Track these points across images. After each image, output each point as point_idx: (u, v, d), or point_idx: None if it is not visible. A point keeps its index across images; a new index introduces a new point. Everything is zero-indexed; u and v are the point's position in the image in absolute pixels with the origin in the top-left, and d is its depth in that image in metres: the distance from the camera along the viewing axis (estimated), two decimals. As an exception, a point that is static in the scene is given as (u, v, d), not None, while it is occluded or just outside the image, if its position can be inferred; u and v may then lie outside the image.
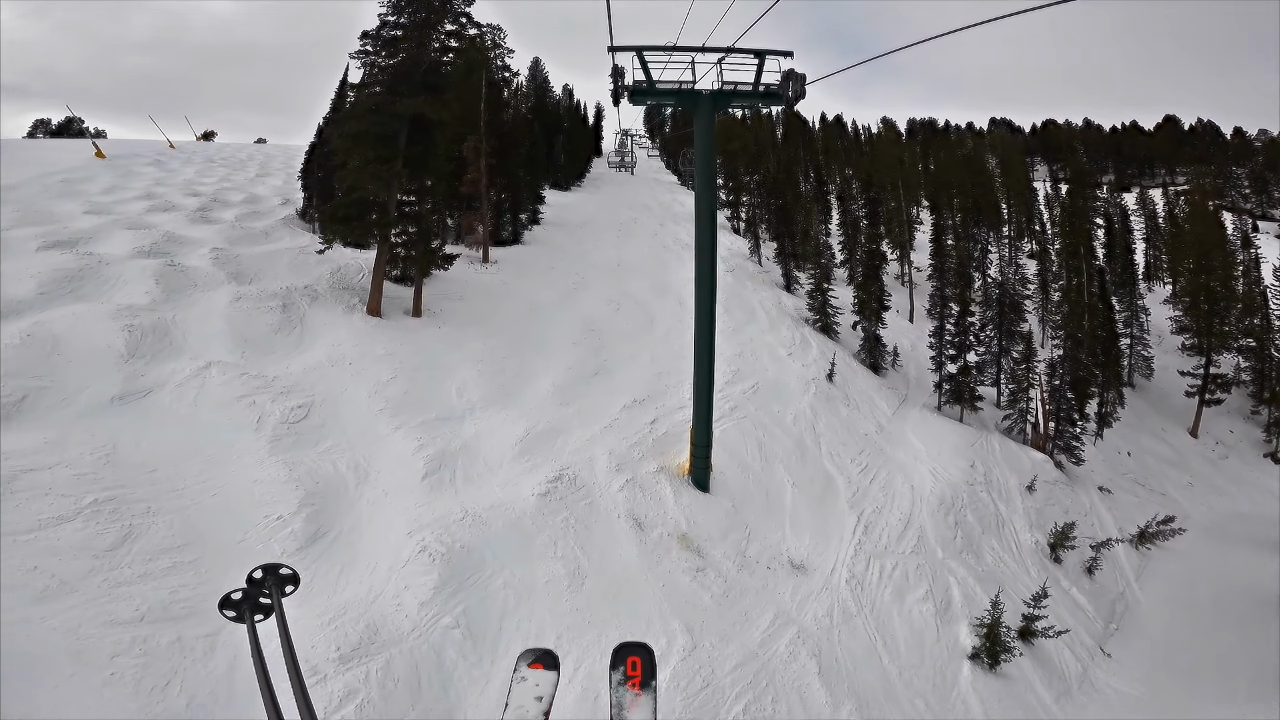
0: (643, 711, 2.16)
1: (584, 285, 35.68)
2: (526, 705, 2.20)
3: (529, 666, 2.38)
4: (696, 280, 19.18)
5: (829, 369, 33.05)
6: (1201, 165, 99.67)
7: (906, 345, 42.46)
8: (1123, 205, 70.90)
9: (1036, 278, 55.52)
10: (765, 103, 17.33)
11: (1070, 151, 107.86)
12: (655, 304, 35.24)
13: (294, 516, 16.88)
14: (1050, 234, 64.31)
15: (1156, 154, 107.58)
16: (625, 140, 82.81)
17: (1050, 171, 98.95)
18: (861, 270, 38.41)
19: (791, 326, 38.00)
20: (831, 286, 39.50)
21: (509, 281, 34.08)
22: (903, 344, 42.09)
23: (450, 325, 27.80)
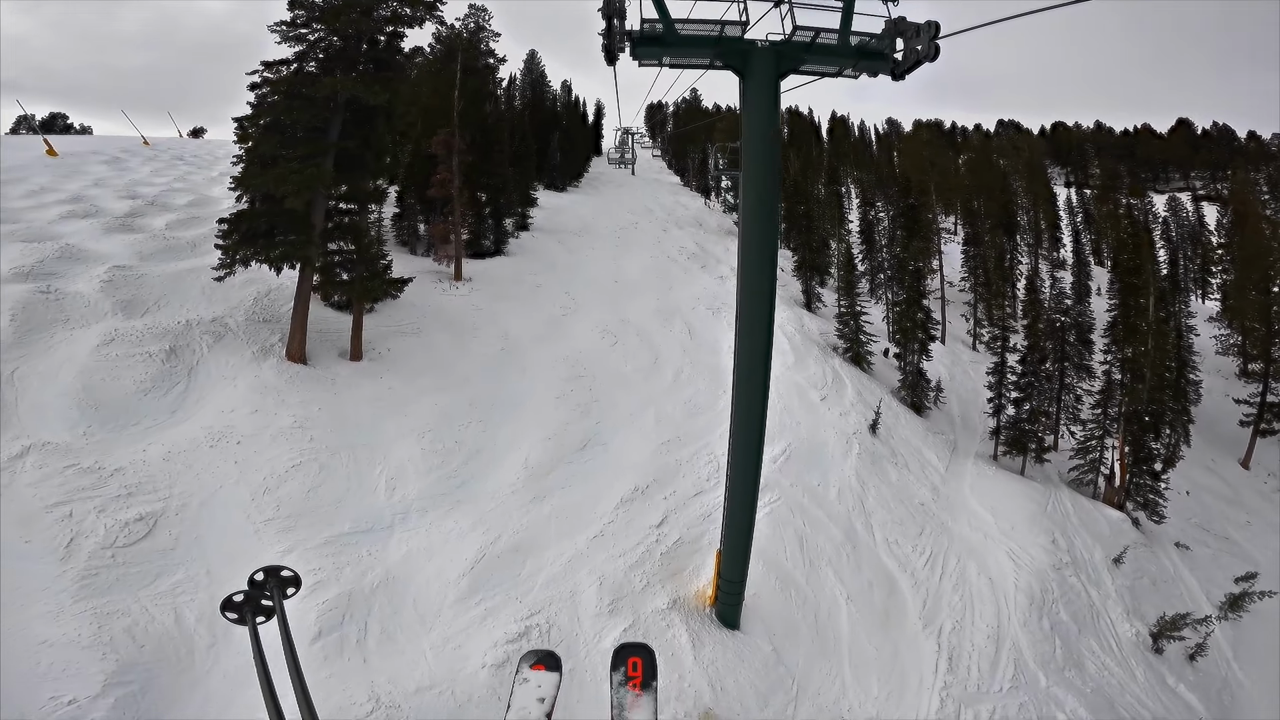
0: (643, 712, 2.05)
1: (574, 309, 28.11)
2: (529, 706, 2.11)
3: (531, 668, 2.25)
4: (741, 352, 11.65)
5: (873, 417, 25.62)
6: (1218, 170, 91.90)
7: (943, 373, 35.03)
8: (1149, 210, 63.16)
9: (1071, 290, 47.98)
10: (859, 68, 9.76)
11: (1082, 154, 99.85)
12: (660, 334, 27.67)
13: (94, 702, 9.71)
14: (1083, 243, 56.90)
15: (1171, 158, 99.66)
16: (626, 138, 75.35)
17: (1064, 176, 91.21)
18: (901, 292, 30.94)
19: (819, 358, 30.50)
20: (865, 309, 31.97)
21: (482, 307, 26.51)
22: (938, 372, 34.68)
23: (396, 375, 20.27)
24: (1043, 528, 23.62)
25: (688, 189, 69.00)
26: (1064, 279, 49.34)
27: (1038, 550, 22.16)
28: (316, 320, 21.61)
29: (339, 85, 17.72)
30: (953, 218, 55.45)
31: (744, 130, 9.36)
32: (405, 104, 20.75)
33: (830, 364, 30.37)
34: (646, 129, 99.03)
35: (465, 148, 28.53)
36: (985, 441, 30.27)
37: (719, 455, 20.89)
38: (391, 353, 21.47)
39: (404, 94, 20.81)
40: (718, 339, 28.84)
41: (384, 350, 21.49)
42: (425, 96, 31.94)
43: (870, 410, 27.14)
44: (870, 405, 27.83)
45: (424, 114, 31.51)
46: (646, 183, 69.78)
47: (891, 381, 32.79)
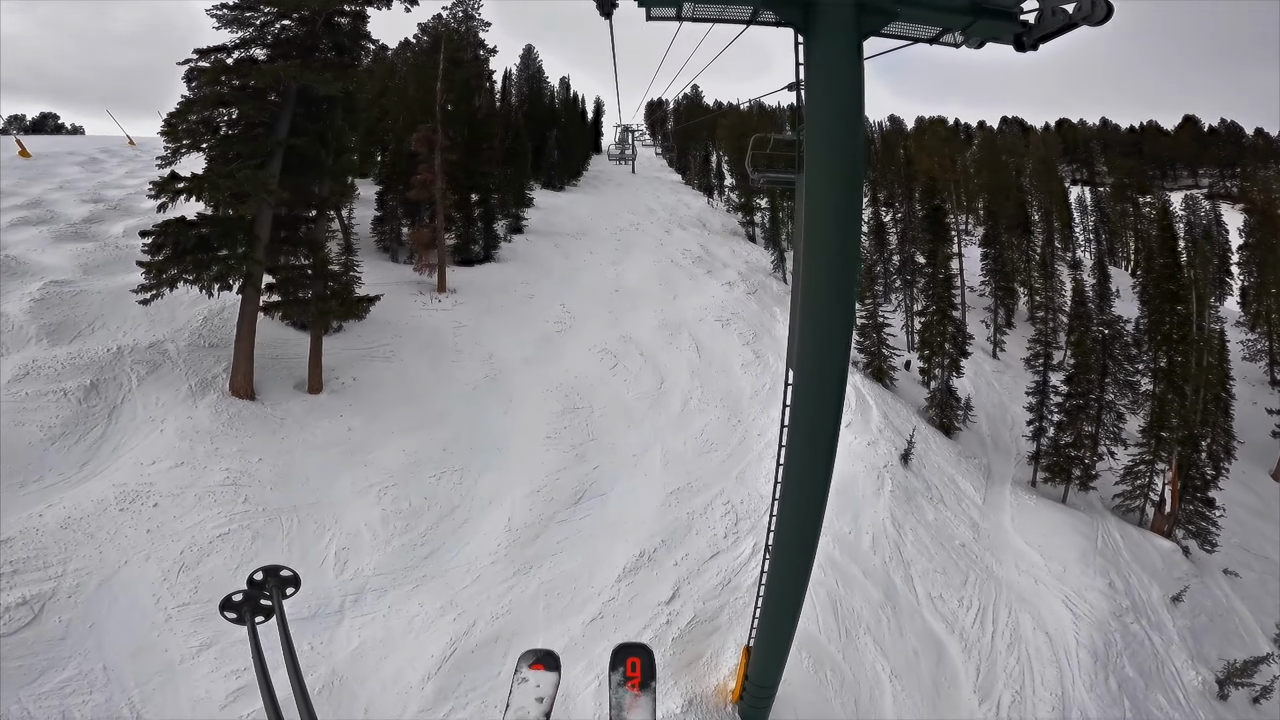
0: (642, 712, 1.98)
1: (570, 324, 24.85)
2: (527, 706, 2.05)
3: (530, 667, 2.19)
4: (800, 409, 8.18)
5: (904, 446, 22.49)
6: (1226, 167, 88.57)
7: (968, 387, 31.83)
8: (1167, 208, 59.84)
9: (1094, 295, 44.71)
10: (969, 33, 6.40)
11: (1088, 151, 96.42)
12: (665, 352, 24.44)
13: None
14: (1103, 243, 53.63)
15: (1180, 155, 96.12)
16: (626, 135, 72.04)
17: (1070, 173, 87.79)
18: (927, 302, 27.69)
19: None
20: (887, 319, 28.76)
21: (467, 323, 23.28)
22: (964, 386, 31.49)
23: (359, 411, 17.07)
24: (1096, 567, 20.70)
25: (689, 187, 65.55)
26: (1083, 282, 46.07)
27: (1095, 595, 19.30)
28: (272, 343, 18.40)
29: (283, 73, 14.45)
30: (966, 218, 52.11)
31: (808, 112, 6.10)
32: (371, 95, 17.52)
33: (851, 381, 27.14)
34: (646, 126, 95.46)
35: (449, 145, 25.24)
36: (1021, 465, 27.16)
37: (737, 504, 17.75)
38: (357, 383, 18.27)
39: (370, 84, 17.55)
40: (728, 356, 25.63)
41: (348, 380, 18.29)
42: (412, 91, 28.66)
43: (899, 436, 24.00)
44: (898, 429, 24.67)
45: (407, 109, 28.23)
46: (647, 181, 66.32)
47: (916, 398, 29.60)
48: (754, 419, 22.07)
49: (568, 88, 72.65)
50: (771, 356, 26.90)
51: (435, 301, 24.18)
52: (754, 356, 26.29)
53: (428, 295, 24.84)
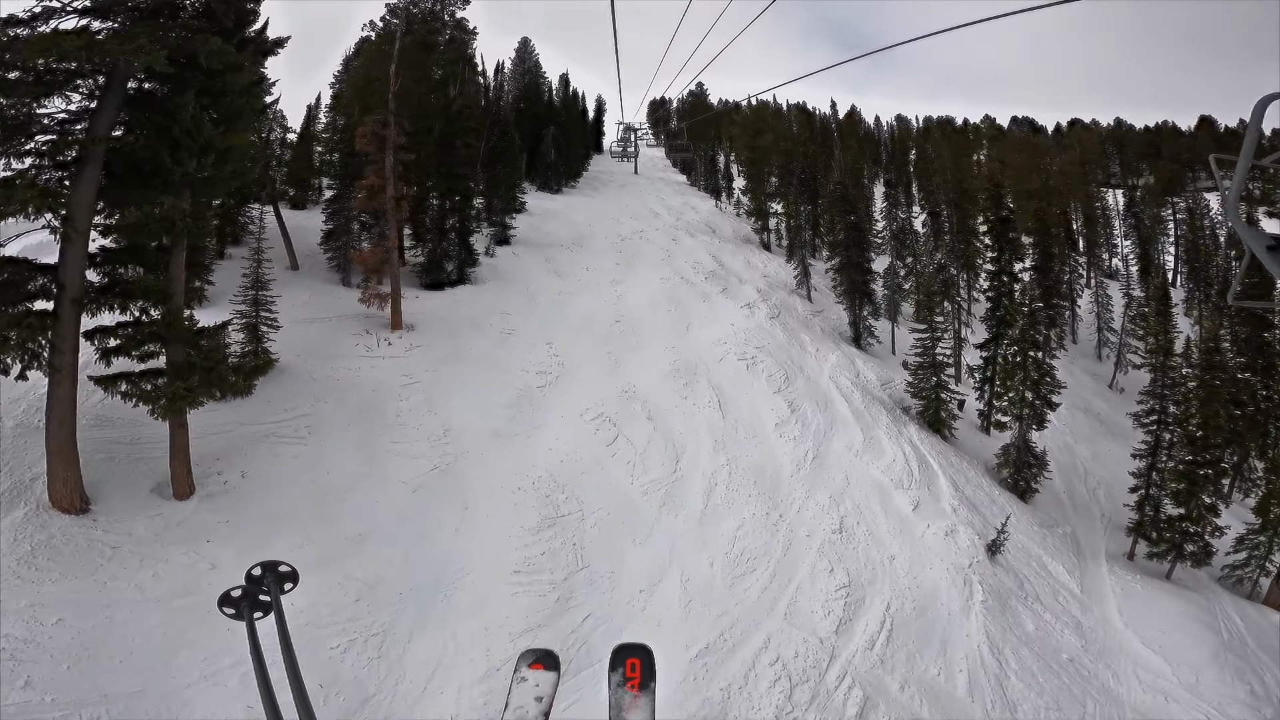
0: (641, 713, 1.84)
1: (557, 375, 18.75)
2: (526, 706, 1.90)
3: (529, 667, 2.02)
4: None
5: (993, 534, 16.68)
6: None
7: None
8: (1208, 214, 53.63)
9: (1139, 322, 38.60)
10: None
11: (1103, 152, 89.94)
12: (679, 412, 18.37)
13: None
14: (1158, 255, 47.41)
15: (1199, 156, 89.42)
16: (628, 134, 65.69)
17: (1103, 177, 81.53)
18: (996, 328, 21.58)
19: (892, 430, 21.26)
20: (946, 357, 22.73)
21: (420, 378, 17.21)
22: None
23: (237, 531, 11.07)
24: (1231, 668, 15.49)
25: (695, 189, 59.15)
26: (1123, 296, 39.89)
27: (1238, 708, 14.29)
28: (127, 420, 12.40)
29: (83, 46, 8.38)
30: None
31: None
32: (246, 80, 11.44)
33: (906, 437, 21.16)
34: (649, 125, 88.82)
35: (406, 142, 19.09)
36: (1113, 532, 21.43)
37: (789, 660, 11.75)
38: (247, 480, 12.28)
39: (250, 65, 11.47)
40: (758, 412, 19.60)
41: (235, 476, 12.30)
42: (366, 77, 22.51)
43: (977, 513, 18.15)
44: (974, 504, 18.76)
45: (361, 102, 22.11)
46: (651, 182, 59.91)
47: (976, 448, 23.66)
48: (797, 509, 16.10)
49: (567, 84, 66.02)
50: (809, 407, 20.87)
51: (384, 344, 18.13)
52: (788, 410, 20.25)
53: (376, 334, 18.78)
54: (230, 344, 16.07)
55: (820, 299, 32.85)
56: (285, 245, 23.59)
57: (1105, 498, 24.65)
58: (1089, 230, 41.19)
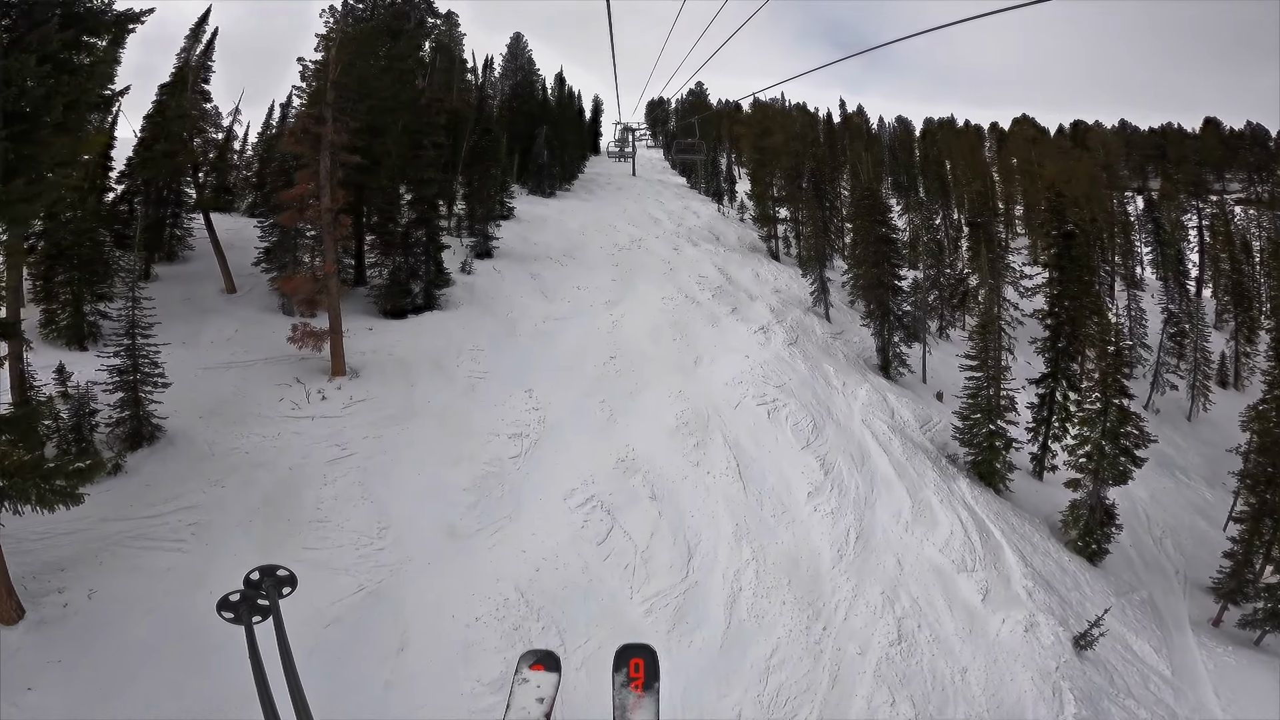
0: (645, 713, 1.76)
1: (537, 437, 14.33)
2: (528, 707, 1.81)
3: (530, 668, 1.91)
4: None
5: (1086, 629, 12.54)
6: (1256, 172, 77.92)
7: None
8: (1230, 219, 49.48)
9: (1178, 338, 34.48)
10: None
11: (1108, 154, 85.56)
12: (689, 484, 14.04)
13: None
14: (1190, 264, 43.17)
15: (1208, 159, 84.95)
16: (626, 135, 61.03)
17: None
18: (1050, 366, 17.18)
19: (941, 490, 17.07)
20: (1005, 399, 18.45)
21: (355, 446, 12.86)
22: None
23: (62, 685, 6.81)
24: None
25: (696, 191, 54.60)
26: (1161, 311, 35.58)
27: None
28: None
29: None
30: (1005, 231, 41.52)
31: None
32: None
33: (958, 496, 16.92)
34: (647, 125, 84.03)
35: (347, 141, 14.62)
36: (1193, 593, 17.51)
37: None
38: (95, 601, 8.01)
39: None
40: (785, 475, 15.30)
41: (79, 595, 8.09)
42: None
43: (1052, 593, 14.09)
44: (1048, 582, 14.66)
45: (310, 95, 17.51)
46: (649, 184, 55.35)
47: (1033, 499, 19.48)
48: (844, 615, 11.87)
49: (562, 82, 61.04)
50: (843, 464, 16.58)
51: (316, 397, 13.74)
52: (821, 471, 15.97)
53: (308, 384, 14.37)
54: (98, 409, 11.66)
55: (839, 317, 28.50)
56: (219, 263, 19.13)
57: (1174, 548, 20.54)
58: (1124, 238, 36.88)
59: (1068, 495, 19.98)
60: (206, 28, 22.92)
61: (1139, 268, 45.35)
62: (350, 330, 17.06)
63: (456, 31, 45.01)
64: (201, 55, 23.00)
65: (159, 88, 21.35)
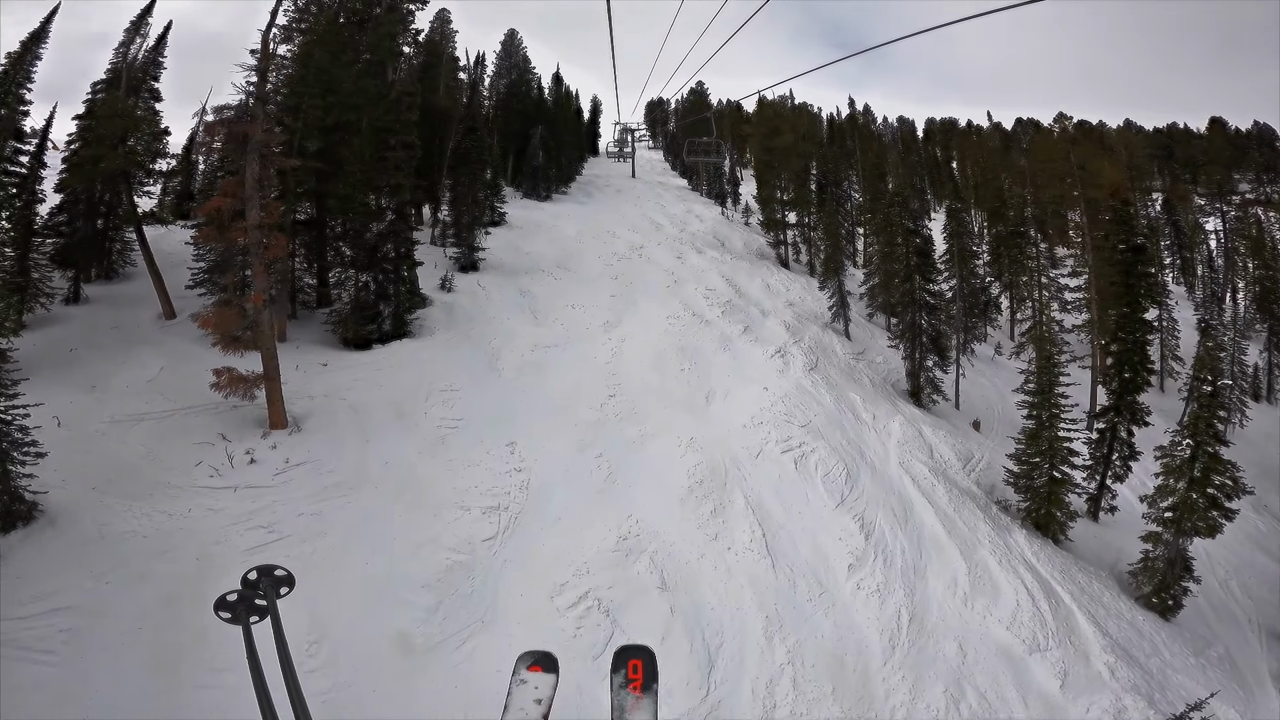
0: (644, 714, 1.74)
1: (516, 512, 11.23)
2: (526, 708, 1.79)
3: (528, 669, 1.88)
4: None
5: (1185, 714, 9.51)
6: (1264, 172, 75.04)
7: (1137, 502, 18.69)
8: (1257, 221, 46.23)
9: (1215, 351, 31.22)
10: None
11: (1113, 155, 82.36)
12: (711, 573, 10.96)
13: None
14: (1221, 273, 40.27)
15: (1216, 159, 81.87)
16: (625, 135, 57.92)
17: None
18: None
19: (998, 547, 14.18)
20: (1072, 437, 15.44)
21: (286, 528, 9.82)
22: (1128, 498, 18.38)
23: None
24: None
25: (697, 194, 51.43)
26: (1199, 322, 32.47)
27: None
28: None
29: None
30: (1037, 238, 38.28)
31: None
32: None
33: (1017, 553, 14.02)
34: (646, 126, 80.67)
35: (287, 142, 11.53)
36: (1264, 640, 14.59)
37: None
38: None
39: None
40: (820, 543, 12.33)
41: None
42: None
43: (1134, 665, 11.41)
44: (1124, 648, 11.99)
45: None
46: (650, 186, 52.19)
47: (1091, 544, 16.52)
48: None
49: (560, 81, 57.71)
50: (885, 523, 13.61)
51: (245, 459, 10.71)
52: (860, 534, 13.00)
53: (239, 440, 11.33)
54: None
55: (858, 333, 25.44)
56: (155, 285, 16.05)
57: (1240, 591, 17.57)
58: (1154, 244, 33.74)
59: (1129, 538, 17.14)
60: (151, 20, 19.81)
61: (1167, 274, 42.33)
62: (301, 367, 13.99)
63: (448, 29, 41.91)
64: (152, 51, 19.93)
65: (91, 85, 18.26)
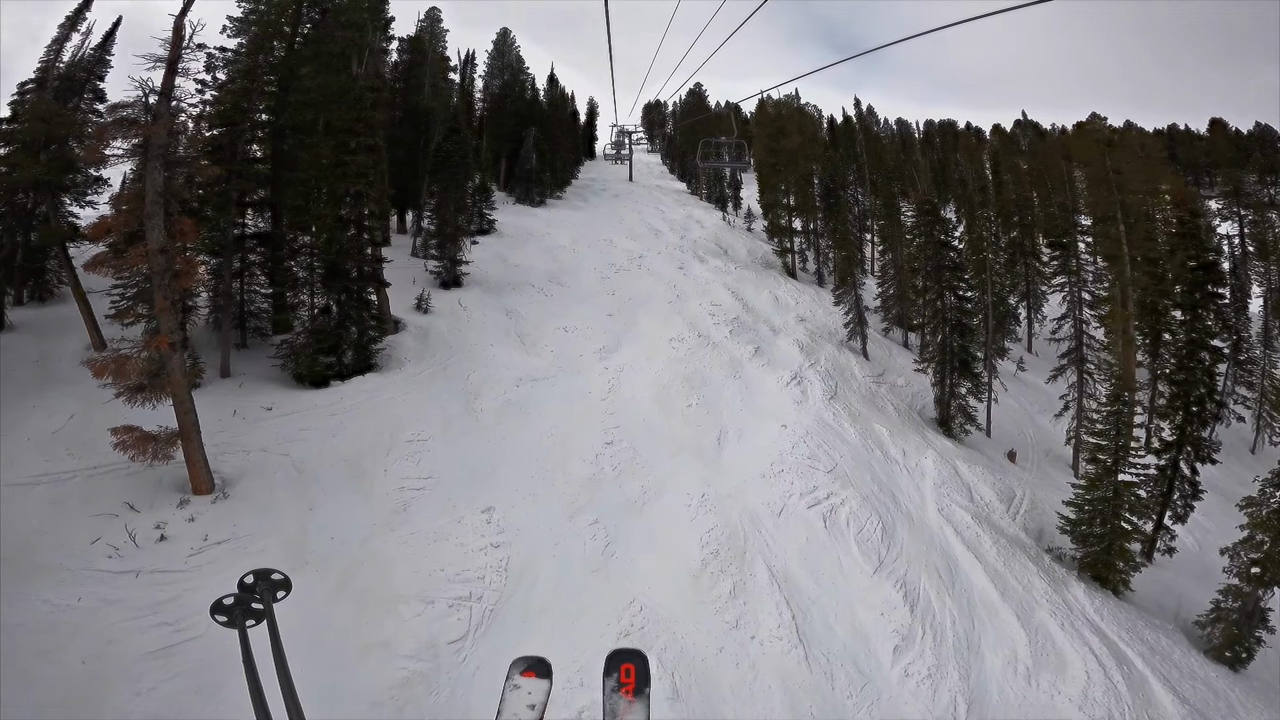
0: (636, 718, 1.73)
1: (492, 603, 8.79)
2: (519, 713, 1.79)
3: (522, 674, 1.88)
4: None
5: None
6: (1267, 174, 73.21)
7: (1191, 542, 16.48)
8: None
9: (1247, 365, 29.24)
10: None
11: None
12: (733, 673, 8.70)
13: None
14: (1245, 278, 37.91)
15: (1219, 160, 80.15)
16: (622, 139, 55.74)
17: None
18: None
19: (1058, 608, 12.07)
20: (1140, 462, 13.19)
21: (196, 625, 7.47)
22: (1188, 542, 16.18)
23: None
24: None
25: (697, 197, 49.22)
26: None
27: None
28: None
29: None
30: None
31: None
32: None
33: (1080, 614, 11.95)
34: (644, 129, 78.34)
35: (196, 144, 9.23)
36: None
37: None
38: None
39: None
40: (860, 624, 10.17)
41: None
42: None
43: None
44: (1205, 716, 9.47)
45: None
46: (648, 190, 49.95)
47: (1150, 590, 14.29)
48: None
49: (555, 82, 55.39)
50: (929, 588, 11.46)
51: (152, 535, 8.37)
52: (904, 604, 10.86)
53: (152, 509, 9.01)
54: None
55: (875, 351, 23.18)
56: (82, 312, 13.69)
57: None
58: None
59: (1187, 580, 15.16)
60: (90, 15, 17.43)
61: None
62: (241, 411, 11.64)
63: (439, 27, 39.64)
64: (97, 49, 17.57)
65: (19, 86, 15.91)
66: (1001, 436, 19.99)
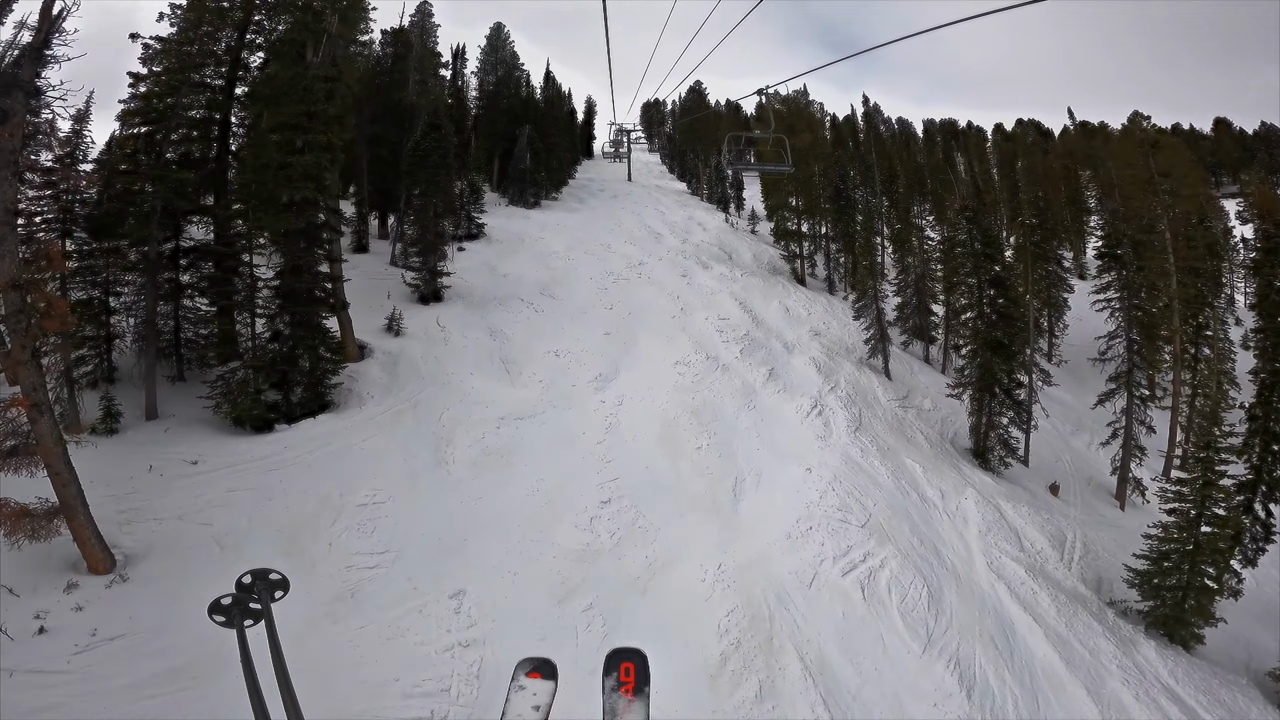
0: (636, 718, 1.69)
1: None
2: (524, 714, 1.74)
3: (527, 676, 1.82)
4: None
5: None
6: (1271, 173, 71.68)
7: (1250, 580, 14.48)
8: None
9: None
10: None
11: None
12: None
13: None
14: None
15: (1224, 160, 78.70)
16: (620, 137, 53.78)
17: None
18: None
19: (1130, 674, 10.14)
20: (1221, 537, 11.15)
21: None
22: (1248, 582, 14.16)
23: None
24: None
25: (698, 198, 47.03)
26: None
27: None
28: None
29: None
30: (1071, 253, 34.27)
31: None
32: None
33: (1155, 681, 10.16)
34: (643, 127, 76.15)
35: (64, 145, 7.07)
36: None
37: None
38: None
39: None
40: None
41: None
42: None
43: None
44: None
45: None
46: (647, 191, 47.76)
47: (1219, 643, 12.32)
48: None
49: (551, 79, 53.08)
50: (985, 661, 9.67)
51: (30, 626, 6.25)
52: (960, 688, 9.15)
53: (36, 594, 6.92)
54: None
55: (898, 368, 21.07)
56: None
57: None
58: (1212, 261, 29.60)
59: (1252, 625, 13.31)
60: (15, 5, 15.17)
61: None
62: (159, 467, 9.54)
63: (429, 22, 37.45)
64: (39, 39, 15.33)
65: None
66: (1039, 464, 17.95)
